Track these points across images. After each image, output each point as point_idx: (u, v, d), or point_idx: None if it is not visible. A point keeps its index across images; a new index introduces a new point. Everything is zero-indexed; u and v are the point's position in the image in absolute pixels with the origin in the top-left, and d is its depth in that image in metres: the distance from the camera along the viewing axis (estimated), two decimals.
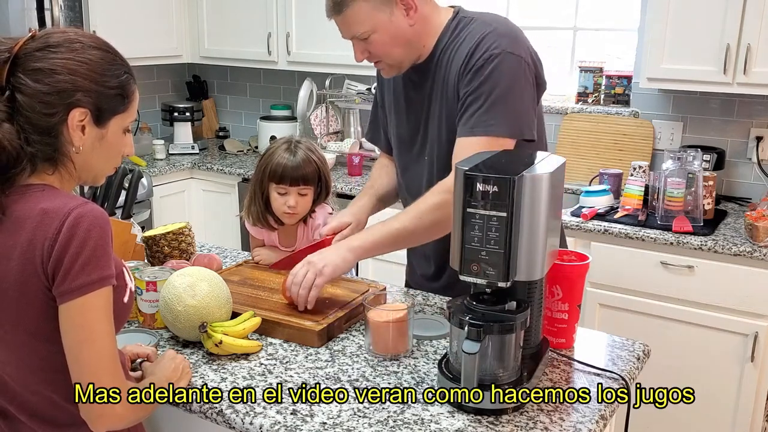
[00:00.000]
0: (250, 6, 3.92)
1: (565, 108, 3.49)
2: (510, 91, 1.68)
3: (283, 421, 1.33)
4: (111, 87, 1.20)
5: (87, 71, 1.17)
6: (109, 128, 1.22)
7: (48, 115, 1.15)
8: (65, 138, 1.18)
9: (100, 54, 1.20)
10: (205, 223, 3.99)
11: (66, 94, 1.15)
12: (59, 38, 1.17)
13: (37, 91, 1.14)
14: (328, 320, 1.67)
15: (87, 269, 1.12)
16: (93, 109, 1.18)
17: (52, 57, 1.15)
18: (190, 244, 2.08)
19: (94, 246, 1.12)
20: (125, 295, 1.25)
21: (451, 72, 1.75)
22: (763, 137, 3.07)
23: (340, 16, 1.72)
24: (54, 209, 1.13)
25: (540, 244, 1.35)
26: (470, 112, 1.70)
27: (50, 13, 3.32)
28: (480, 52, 1.69)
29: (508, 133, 1.68)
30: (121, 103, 1.23)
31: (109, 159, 1.27)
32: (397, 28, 1.72)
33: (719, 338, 2.67)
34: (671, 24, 2.88)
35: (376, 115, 2.08)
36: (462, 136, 1.71)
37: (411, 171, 1.94)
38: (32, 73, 1.14)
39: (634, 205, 2.91)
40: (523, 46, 1.72)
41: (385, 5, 1.70)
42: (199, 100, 4.52)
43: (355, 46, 1.78)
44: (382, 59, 1.78)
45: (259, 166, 2.02)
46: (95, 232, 1.12)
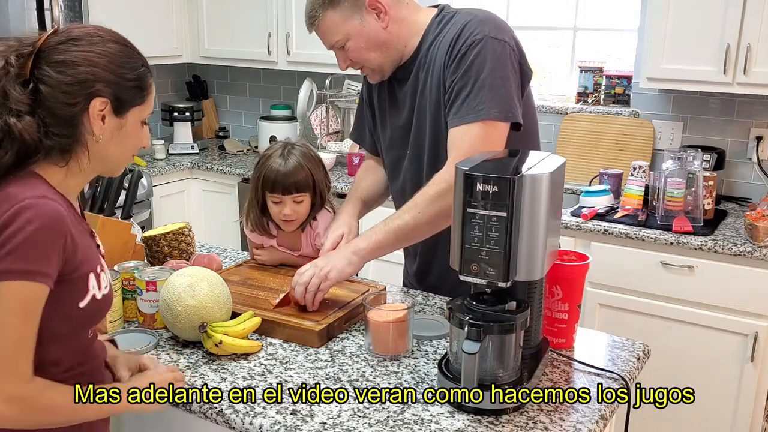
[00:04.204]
0: (250, 6, 3.92)
1: (565, 108, 3.49)
2: (496, 74, 1.68)
3: (283, 421, 1.33)
4: (129, 79, 1.24)
5: (107, 63, 1.21)
6: (128, 119, 1.26)
7: (70, 104, 1.18)
8: (85, 127, 1.21)
9: (119, 47, 1.24)
10: (205, 223, 3.99)
11: (87, 84, 1.19)
12: (80, 32, 1.22)
13: (60, 81, 1.18)
14: (328, 320, 1.67)
15: (10, 257, 1.11)
16: (113, 99, 1.22)
17: (74, 50, 1.19)
18: (190, 244, 2.08)
19: (26, 238, 1.11)
20: (83, 301, 1.22)
21: (436, 64, 1.76)
22: (763, 137, 3.07)
23: (316, 28, 1.80)
24: (14, 194, 1.15)
25: (540, 244, 1.35)
26: (460, 99, 1.70)
27: (50, 13, 3.31)
28: (463, 39, 1.70)
29: (498, 116, 1.67)
30: (139, 95, 1.27)
31: (126, 149, 1.30)
32: (369, 32, 1.76)
33: (719, 338, 2.67)
34: (671, 24, 2.88)
35: (361, 115, 2.09)
36: (454, 126, 1.71)
37: (400, 168, 1.94)
38: (55, 65, 1.18)
39: (634, 205, 2.91)
40: (507, 33, 1.73)
41: (354, 13, 1.74)
42: (199, 100, 4.52)
43: (337, 55, 1.83)
44: (363, 65, 1.82)
45: (255, 173, 2.00)
46: (33, 225, 1.12)
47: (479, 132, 1.66)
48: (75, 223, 1.23)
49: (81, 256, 1.20)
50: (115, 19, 4.07)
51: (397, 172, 1.96)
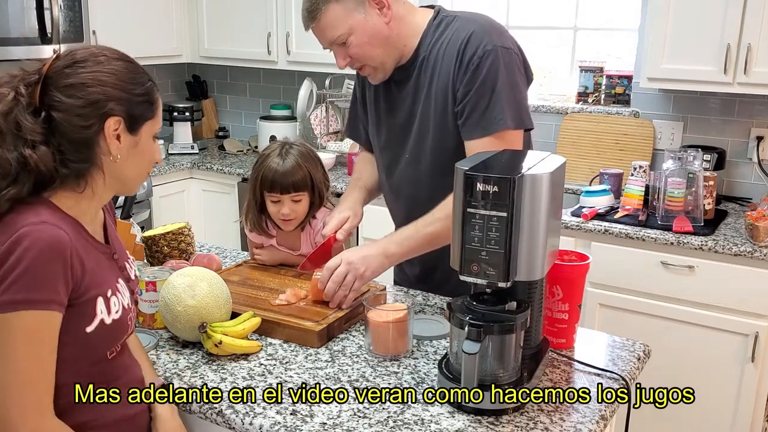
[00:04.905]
0: (250, 6, 3.92)
1: (565, 108, 3.48)
2: (509, 83, 1.71)
3: (283, 421, 1.33)
4: (138, 94, 1.24)
5: (116, 81, 1.21)
6: (141, 135, 1.26)
7: (85, 127, 1.18)
8: (101, 149, 1.21)
9: (124, 64, 1.24)
10: (205, 223, 3.99)
11: (100, 104, 1.18)
12: (84, 54, 1.21)
13: (72, 105, 1.17)
14: (328, 320, 1.67)
15: (14, 287, 1.09)
16: (126, 117, 1.22)
17: (82, 71, 1.19)
18: (190, 244, 2.08)
19: (26, 267, 1.10)
20: (90, 326, 1.21)
21: (442, 71, 1.76)
22: (763, 137, 3.07)
23: (315, 24, 1.75)
24: (14, 221, 1.13)
25: (540, 244, 1.34)
26: (479, 111, 1.71)
27: (50, 12, 3.31)
28: (472, 49, 1.71)
29: (513, 125, 1.72)
30: (149, 110, 1.26)
31: (141, 166, 1.29)
32: (373, 27, 1.74)
33: (719, 338, 2.67)
34: (671, 24, 2.87)
35: (355, 112, 2.08)
36: (476, 138, 1.72)
37: (395, 169, 1.94)
38: (65, 90, 1.17)
39: (635, 205, 2.91)
40: (510, 39, 1.77)
41: (358, 6, 1.72)
42: (199, 100, 4.52)
43: (336, 52, 1.79)
44: (364, 62, 1.79)
45: (253, 173, 2.00)
46: (33, 252, 1.10)
47: (500, 142, 1.69)
48: (86, 245, 1.21)
49: (89, 279, 1.19)
50: (115, 19, 4.08)
51: (391, 173, 1.96)
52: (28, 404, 1.13)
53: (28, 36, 3.29)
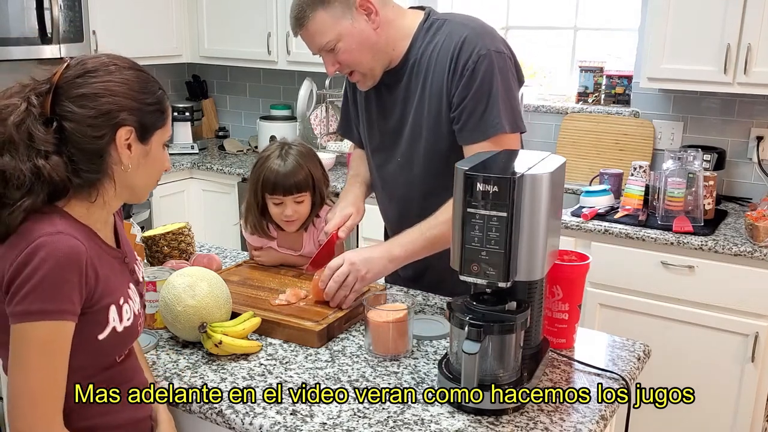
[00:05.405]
0: (250, 6, 3.92)
1: (565, 108, 3.48)
2: (504, 88, 1.72)
3: (283, 421, 1.33)
4: (150, 103, 1.23)
5: (127, 91, 1.20)
6: (152, 144, 1.25)
7: (97, 137, 1.17)
8: (112, 158, 1.20)
9: (135, 74, 1.23)
10: (205, 223, 3.98)
11: (111, 114, 1.18)
12: (95, 63, 1.20)
13: (84, 116, 1.16)
14: (327, 320, 1.67)
15: (29, 298, 1.10)
16: (137, 127, 1.21)
17: (93, 81, 1.18)
18: (190, 244, 2.08)
19: (42, 277, 1.10)
20: (102, 333, 1.21)
21: (435, 76, 1.76)
22: (763, 137, 3.07)
23: (303, 30, 1.75)
24: (31, 231, 1.13)
25: (540, 244, 1.34)
26: (476, 116, 1.71)
27: (50, 12, 3.31)
28: (466, 54, 1.71)
29: (510, 129, 1.72)
30: (160, 119, 1.26)
31: (152, 175, 1.29)
32: (361, 33, 1.73)
33: (719, 338, 2.67)
34: (671, 24, 2.87)
35: (347, 111, 2.08)
36: (474, 142, 1.72)
37: (386, 172, 1.94)
38: (77, 100, 1.17)
39: (635, 205, 2.91)
40: (502, 42, 1.78)
41: (345, 12, 1.71)
42: (199, 100, 4.52)
43: (325, 59, 1.80)
44: (353, 68, 1.79)
45: (252, 175, 1.99)
46: (48, 263, 1.10)
47: (498, 147, 1.69)
48: (99, 253, 1.21)
49: (102, 287, 1.19)
50: (115, 19, 4.07)
51: (384, 174, 1.96)
52: (39, 414, 1.13)
53: (28, 36, 3.29)
